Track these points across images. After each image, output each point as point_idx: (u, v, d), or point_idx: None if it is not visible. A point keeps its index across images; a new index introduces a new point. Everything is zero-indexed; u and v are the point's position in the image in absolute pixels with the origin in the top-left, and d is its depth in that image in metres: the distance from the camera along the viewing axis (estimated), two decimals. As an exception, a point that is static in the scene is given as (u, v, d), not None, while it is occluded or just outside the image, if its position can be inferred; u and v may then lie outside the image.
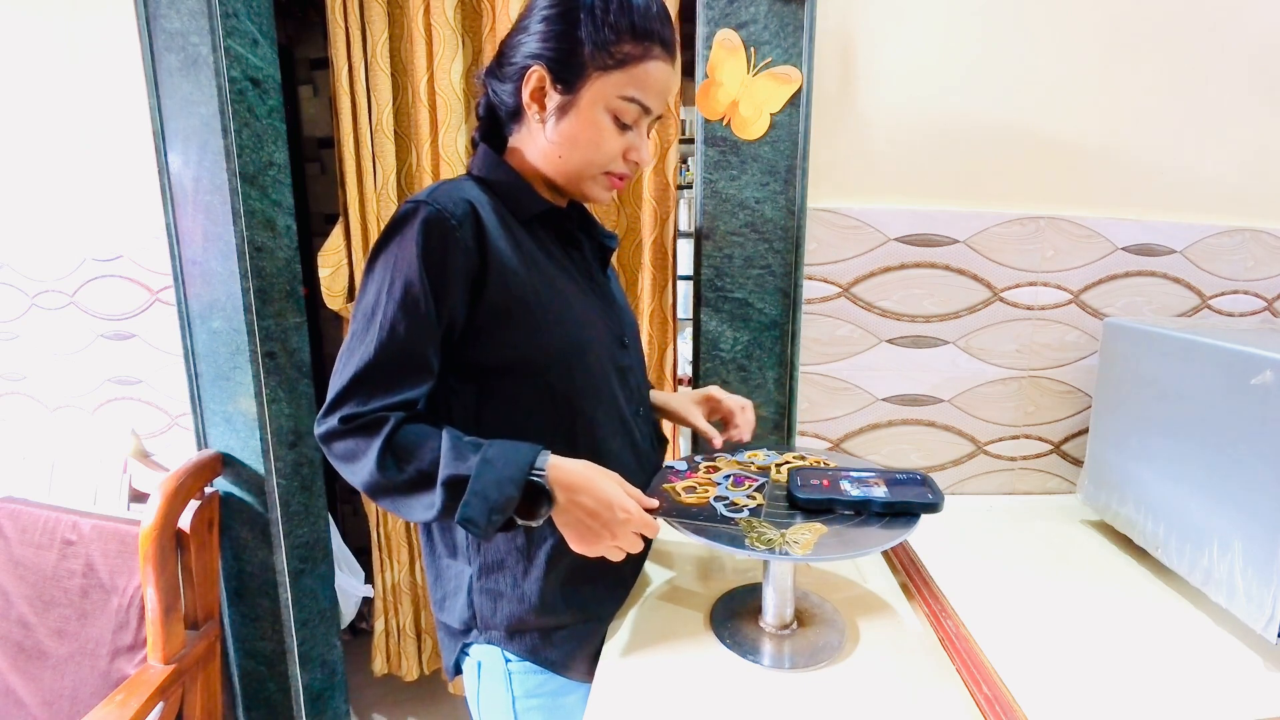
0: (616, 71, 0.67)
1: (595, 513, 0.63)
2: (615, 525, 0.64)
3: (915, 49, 1.07)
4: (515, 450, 0.63)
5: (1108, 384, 1.04)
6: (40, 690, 1.21)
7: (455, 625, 0.77)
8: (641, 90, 0.69)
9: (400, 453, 0.62)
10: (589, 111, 0.69)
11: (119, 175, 1.18)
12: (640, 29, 0.67)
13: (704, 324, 1.13)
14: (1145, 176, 1.11)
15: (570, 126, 0.70)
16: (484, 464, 0.60)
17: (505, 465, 0.61)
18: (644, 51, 0.68)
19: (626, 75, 0.68)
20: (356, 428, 0.63)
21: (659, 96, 0.71)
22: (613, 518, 0.64)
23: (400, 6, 1.33)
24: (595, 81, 0.68)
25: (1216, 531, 0.79)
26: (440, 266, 0.64)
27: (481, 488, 0.59)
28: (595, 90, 0.68)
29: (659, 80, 0.70)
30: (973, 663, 0.70)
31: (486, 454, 0.61)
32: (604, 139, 0.70)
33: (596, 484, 0.64)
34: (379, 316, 0.64)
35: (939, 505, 0.71)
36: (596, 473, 0.65)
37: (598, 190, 0.75)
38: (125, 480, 1.24)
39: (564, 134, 0.70)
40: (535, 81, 0.69)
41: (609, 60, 0.67)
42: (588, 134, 0.70)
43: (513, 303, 0.67)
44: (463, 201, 0.66)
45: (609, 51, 0.67)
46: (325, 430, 0.64)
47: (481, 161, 0.75)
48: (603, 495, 0.63)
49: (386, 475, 0.62)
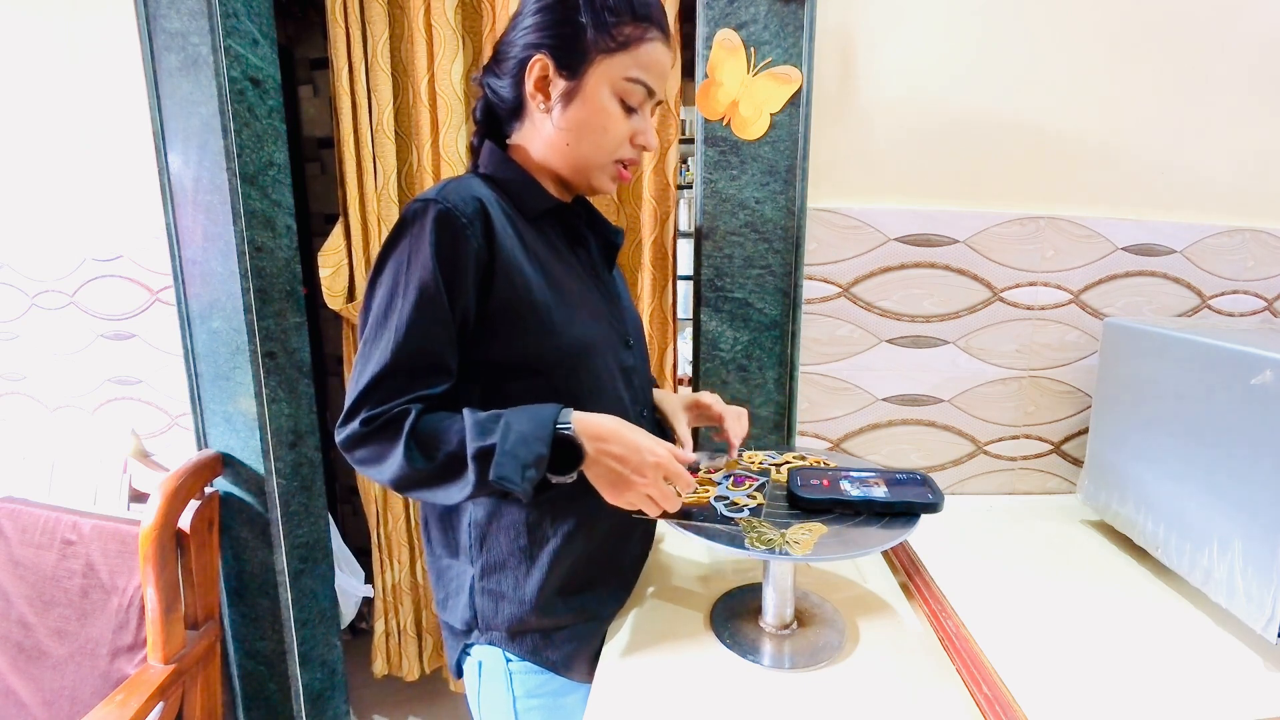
0: (620, 53, 0.68)
1: (624, 458, 0.64)
2: (645, 468, 0.64)
3: (915, 49, 1.07)
4: (538, 410, 0.63)
5: (1108, 384, 1.04)
6: (40, 690, 1.21)
7: (457, 625, 0.77)
8: (644, 70, 0.70)
9: (425, 442, 0.62)
10: (595, 96, 0.69)
11: (119, 175, 1.18)
12: (639, 11, 0.68)
13: (704, 324, 1.13)
14: (1145, 176, 1.11)
15: (578, 112, 0.70)
16: (508, 427, 0.61)
17: (530, 424, 0.62)
18: (644, 32, 0.68)
19: (630, 56, 0.68)
20: (378, 427, 0.62)
21: (660, 77, 0.72)
22: (641, 460, 0.64)
23: (400, 6, 1.33)
24: (599, 65, 0.68)
25: (1216, 531, 0.79)
26: (453, 264, 0.63)
27: (510, 447, 0.60)
28: (600, 73, 0.68)
29: (659, 61, 0.71)
30: (973, 663, 0.70)
31: (509, 418, 0.62)
32: (612, 122, 0.70)
33: (623, 431, 0.65)
34: (394, 318, 0.63)
35: (939, 505, 0.71)
36: (621, 423, 0.66)
37: (605, 180, 0.75)
38: (125, 480, 1.24)
39: (572, 120, 0.70)
40: (539, 70, 0.69)
41: (611, 43, 0.67)
42: (596, 118, 0.70)
43: (520, 302, 0.67)
44: (473, 199, 0.66)
45: (610, 34, 0.67)
46: (347, 435, 0.63)
47: (488, 159, 0.75)
48: (630, 440, 0.64)
49: (415, 466, 0.62)
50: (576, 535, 0.73)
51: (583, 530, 0.74)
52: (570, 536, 0.73)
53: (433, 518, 0.78)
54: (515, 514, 0.72)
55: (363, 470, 0.65)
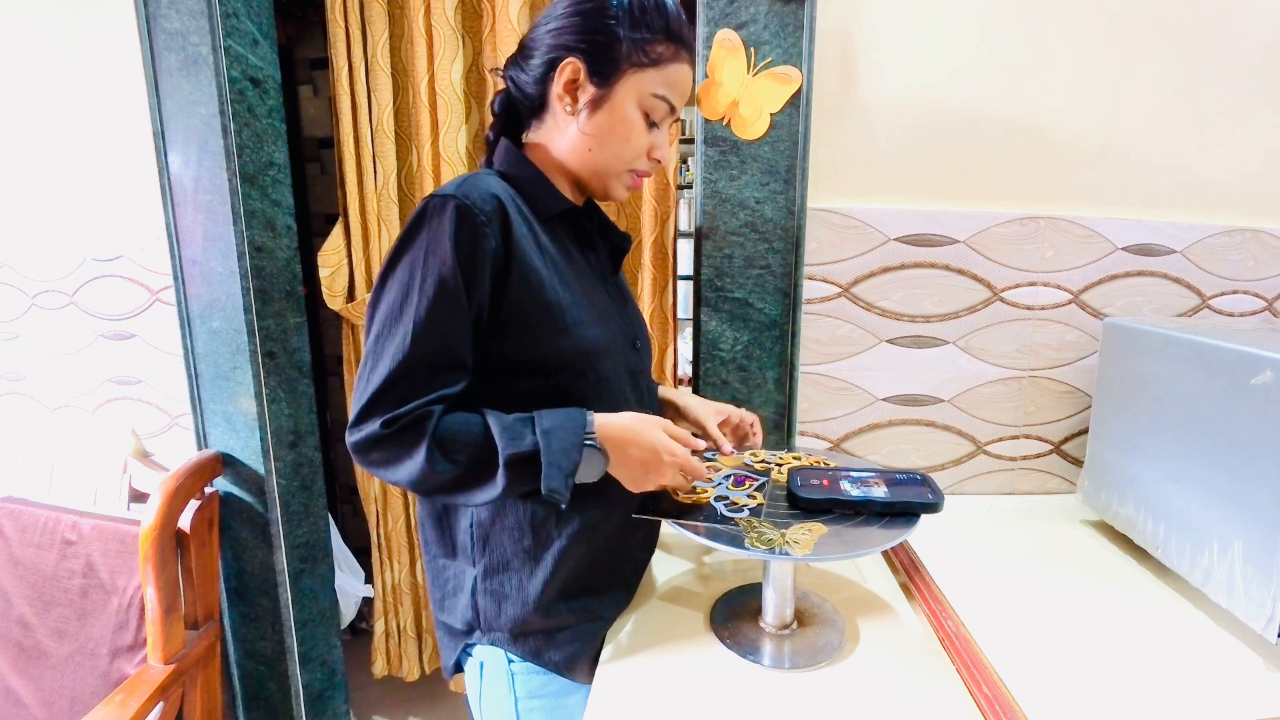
0: (651, 70, 0.70)
1: (644, 461, 0.67)
2: (663, 469, 0.68)
3: (915, 49, 1.07)
4: (567, 418, 0.65)
5: (1108, 384, 1.04)
6: (40, 690, 1.21)
7: (457, 625, 0.77)
8: (670, 89, 0.72)
9: (450, 446, 0.62)
10: (623, 107, 0.70)
11: (119, 175, 1.18)
12: (673, 32, 0.70)
13: (704, 324, 1.13)
14: (1145, 176, 1.11)
15: (604, 120, 0.71)
16: (545, 436, 0.63)
17: (565, 434, 0.64)
18: (675, 53, 0.71)
19: (659, 74, 0.70)
20: (399, 430, 0.61)
21: (683, 96, 0.74)
22: (659, 462, 0.67)
23: (400, 6, 1.33)
24: (630, 77, 0.70)
25: (1216, 531, 0.79)
26: (472, 261, 0.63)
27: (553, 458, 0.62)
28: (629, 86, 0.70)
29: (684, 82, 0.73)
30: (973, 663, 0.70)
31: (543, 425, 0.63)
32: (634, 134, 0.72)
33: (641, 435, 0.67)
34: (410, 313, 0.63)
35: (939, 505, 0.71)
36: (640, 423, 0.68)
37: (619, 188, 0.76)
38: (125, 480, 1.24)
39: (597, 127, 0.71)
40: (569, 73, 0.70)
41: (644, 58, 0.69)
42: (621, 129, 0.71)
43: (534, 303, 0.67)
44: (491, 197, 0.66)
45: (644, 50, 0.69)
46: (365, 436, 0.62)
47: (504, 157, 0.75)
48: (648, 443, 0.67)
49: (438, 470, 0.62)
50: (580, 537, 0.73)
51: (587, 532, 0.74)
52: (574, 538, 0.73)
53: (429, 518, 0.78)
54: (519, 515, 0.72)
55: (374, 471, 0.65)
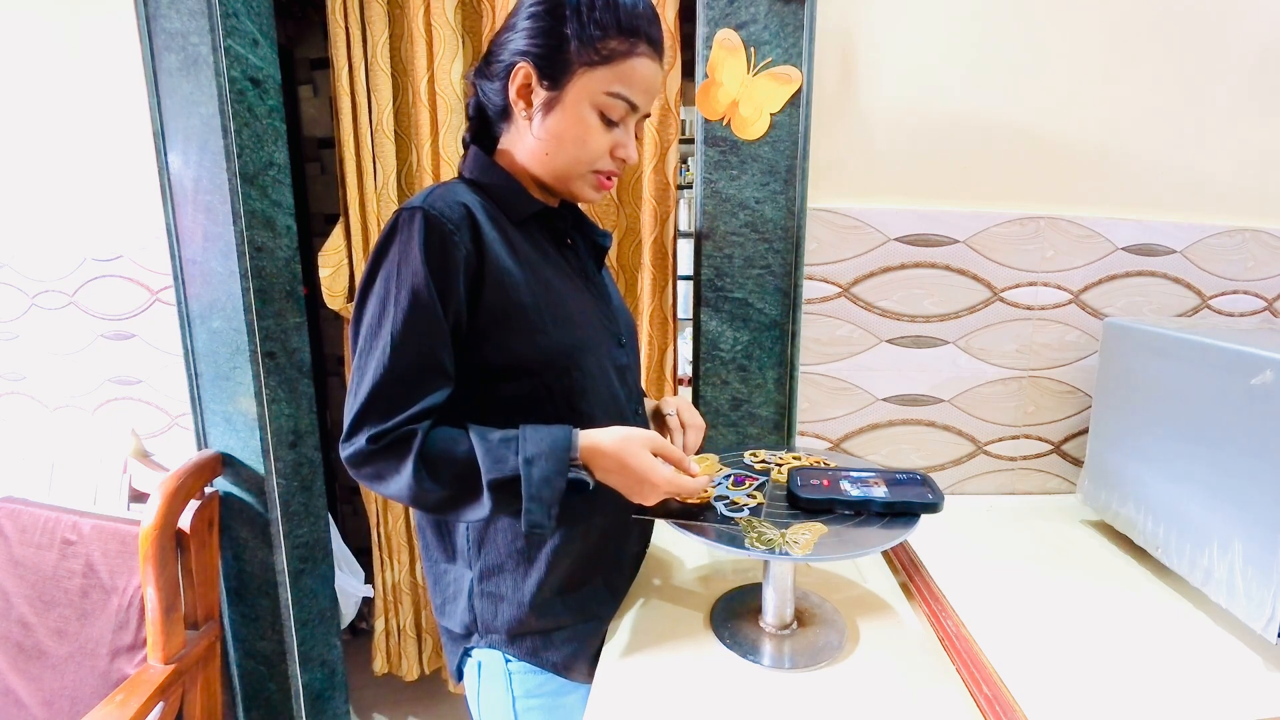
0: (602, 67, 0.67)
1: (629, 486, 0.67)
2: (649, 493, 0.67)
3: (915, 49, 1.06)
4: (551, 441, 0.64)
5: (1108, 384, 1.04)
6: (40, 690, 1.21)
7: (456, 630, 0.77)
8: (628, 86, 0.69)
9: (434, 465, 0.63)
10: (575, 108, 0.69)
11: (119, 175, 1.18)
12: (626, 25, 0.67)
13: (704, 324, 1.13)
14: (1145, 176, 1.11)
15: (557, 123, 0.69)
16: (527, 465, 0.62)
17: (547, 462, 0.63)
18: (630, 48, 0.68)
19: (613, 71, 0.68)
20: (384, 446, 0.63)
21: (646, 94, 0.71)
22: (641, 489, 0.67)
23: (400, 6, 1.33)
24: (581, 78, 0.68)
25: (1216, 531, 0.79)
26: (444, 269, 0.64)
27: (535, 491, 0.62)
28: (581, 86, 0.68)
29: (645, 77, 0.70)
30: (973, 663, 0.70)
31: (526, 453, 0.63)
32: (590, 136, 0.70)
33: (626, 459, 0.65)
34: (387, 327, 0.63)
35: (939, 505, 0.71)
36: (625, 444, 0.66)
37: (586, 189, 0.74)
38: (125, 480, 1.24)
39: (550, 131, 0.70)
40: (521, 78, 0.69)
41: (595, 56, 0.67)
42: (574, 131, 0.69)
43: (510, 305, 0.67)
44: (458, 205, 0.66)
45: (595, 48, 0.67)
46: (353, 452, 0.63)
47: (472, 164, 0.75)
48: (633, 470, 0.66)
49: (424, 489, 0.63)
50: (574, 534, 0.74)
51: (580, 529, 0.74)
52: (568, 536, 0.73)
53: (428, 523, 0.78)
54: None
55: (369, 485, 0.66)
